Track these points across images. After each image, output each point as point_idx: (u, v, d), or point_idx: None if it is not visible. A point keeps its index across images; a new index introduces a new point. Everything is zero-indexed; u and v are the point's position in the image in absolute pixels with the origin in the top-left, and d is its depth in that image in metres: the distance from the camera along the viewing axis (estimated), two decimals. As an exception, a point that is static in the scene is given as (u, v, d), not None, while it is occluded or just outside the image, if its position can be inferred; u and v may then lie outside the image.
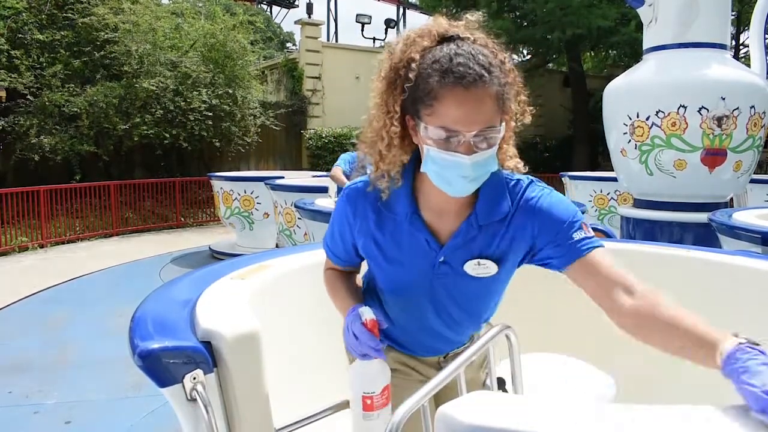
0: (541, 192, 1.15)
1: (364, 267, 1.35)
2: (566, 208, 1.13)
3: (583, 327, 1.96)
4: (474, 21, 1.09)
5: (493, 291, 1.25)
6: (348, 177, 4.77)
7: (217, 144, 10.71)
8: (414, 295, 1.22)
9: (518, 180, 1.17)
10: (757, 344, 0.83)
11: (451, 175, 1.05)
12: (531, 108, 1.14)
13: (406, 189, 1.17)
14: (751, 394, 0.74)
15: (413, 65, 1.04)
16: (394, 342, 1.33)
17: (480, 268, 1.16)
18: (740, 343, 0.82)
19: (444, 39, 1.06)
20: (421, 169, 1.11)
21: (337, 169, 4.86)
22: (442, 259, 1.17)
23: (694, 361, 0.90)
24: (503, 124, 1.07)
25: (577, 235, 1.09)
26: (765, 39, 4.86)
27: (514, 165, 1.18)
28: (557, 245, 1.11)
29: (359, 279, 1.38)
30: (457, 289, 1.20)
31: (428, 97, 1.02)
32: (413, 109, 1.06)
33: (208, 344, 1.16)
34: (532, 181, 1.17)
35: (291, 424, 1.25)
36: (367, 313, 1.16)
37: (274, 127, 11.88)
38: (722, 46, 4.66)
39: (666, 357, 0.93)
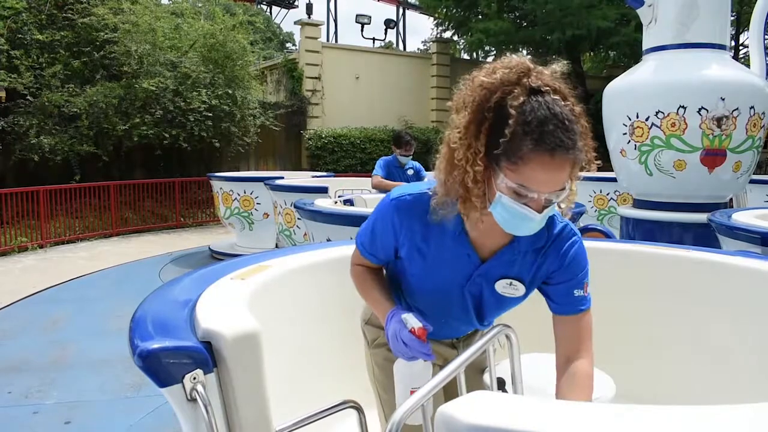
0: (571, 238, 1.29)
1: None
2: (581, 263, 1.28)
3: (582, 327, 1.95)
4: (559, 72, 1.15)
5: (509, 306, 1.39)
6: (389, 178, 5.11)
7: (217, 144, 10.69)
8: (443, 296, 1.35)
9: (553, 217, 1.27)
10: None
11: (518, 224, 1.15)
12: (598, 162, 1.18)
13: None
14: None
15: (510, 122, 1.07)
16: None
17: (510, 288, 1.31)
18: None
19: (533, 91, 1.10)
20: (489, 209, 1.16)
21: (376, 178, 5.11)
22: (479, 272, 1.30)
23: None
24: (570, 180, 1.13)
25: (577, 293, 1.27)
26: (765, 39, 4.87)
27: (566, 205, 1.22)
28: (560, 292, 1.28)
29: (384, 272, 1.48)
30: (483, 298, 1.34)
31: (516, 156, 1.07)
32: (495, 157, 1.10)
33: (208, 344, 1.16)
34: (567, 223, 1.30)
35: (291, 424, 1.25)
36: (412, 321, 1.25)
37: (274, 128, 11.87)
38: (722, 47, 4.65)
39: (665, 358, 0.93)
